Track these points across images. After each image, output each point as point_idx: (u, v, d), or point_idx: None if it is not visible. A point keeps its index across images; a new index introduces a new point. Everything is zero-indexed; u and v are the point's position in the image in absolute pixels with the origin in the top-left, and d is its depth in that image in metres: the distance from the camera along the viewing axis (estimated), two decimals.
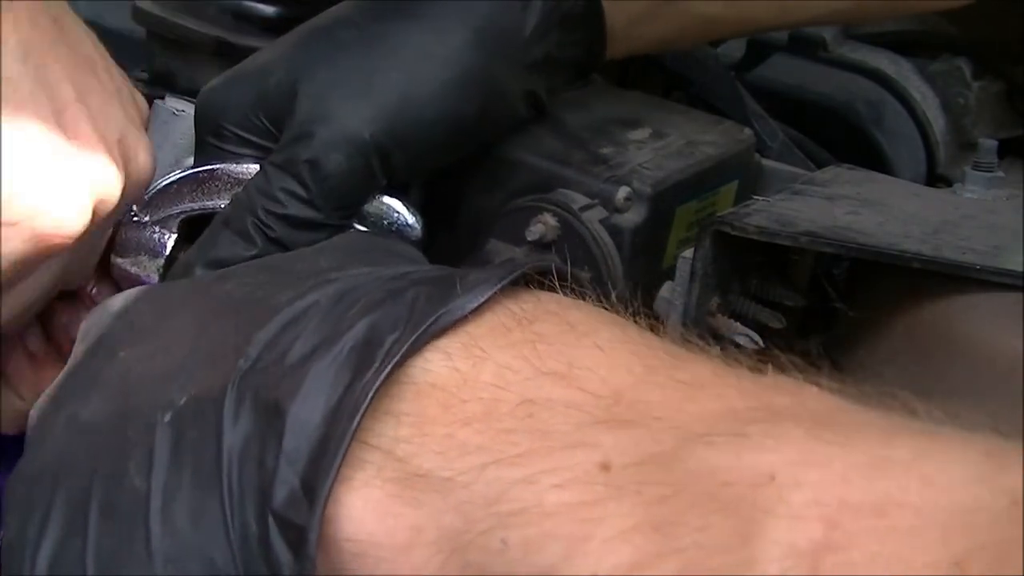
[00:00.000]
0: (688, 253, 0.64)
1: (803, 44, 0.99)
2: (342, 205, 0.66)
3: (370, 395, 0.45)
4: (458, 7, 0.69)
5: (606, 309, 0.51)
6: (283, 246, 0.65)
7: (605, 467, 0.42)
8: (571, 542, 0.41)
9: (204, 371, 0.49)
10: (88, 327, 0.56)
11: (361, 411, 0.45)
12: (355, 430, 0.45)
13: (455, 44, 0.68)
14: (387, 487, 0.45)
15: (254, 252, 0.64)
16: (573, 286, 0.52)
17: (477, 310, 0.48)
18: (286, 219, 0.65)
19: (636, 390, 0.45)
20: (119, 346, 0.52)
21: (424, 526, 0.45)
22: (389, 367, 0.46)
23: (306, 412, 0.46)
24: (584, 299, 0.51)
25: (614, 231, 0.70)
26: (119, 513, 0.48)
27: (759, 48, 1.01)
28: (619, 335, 0.48)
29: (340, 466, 0.45)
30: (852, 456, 0.39)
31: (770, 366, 0.46)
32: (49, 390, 0.54)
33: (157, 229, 0.69)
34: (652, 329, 0.50)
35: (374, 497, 0.45)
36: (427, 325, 0.47)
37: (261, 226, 0.65)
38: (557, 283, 0.51)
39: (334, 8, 0.72)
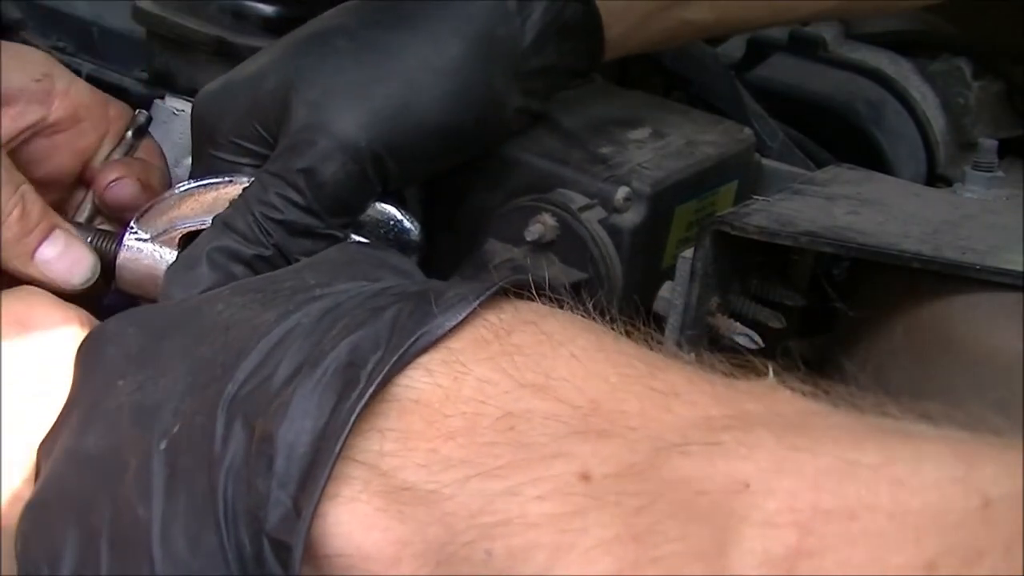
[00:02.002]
0: (688, 253, 0.64)
1: (803, 44, 0.99)
2: (339, 212, 0.66)
3: (354, 416, 0.46)
4: (455, 17, 0.69)
5: (582, 316, 0.51)
6: (281, 252, 0.65)
7: (585, 477, 0.43)
8: (554, 552, 0.42)
9: (195, 396, 0.50)
10: (82, 353, 0.56)
11: (346, 433, 0.46)
12: (341, 450, 0.45)
13: (454, 54, 0.68)
14: (373, 501, 0.46)
15: (255, 252, 0.64)
16: (549, 294, 0.52)
17: (456, 323, 0.49)
18: (283, 225, 0.65)
19: (612, 399, 0.46)
20: (115, 375, 0.53)
21: (410, 539, 0.45)
22: (372, 388, 0.46)
23: (293, 435, 0.46)
24: (561, 307, 0.52)
25: (613, 231, 0.70)
26: (127, 543, 0.48)
27: (759, 48, 1.01)
28: (595, 343, 0.49)
29: (326, 485, 0.45)
30: (823, 461, 0.39)
31: (744, 371, 0.46)
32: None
33: (158, 245, 0.69)
34: (628, 335, 0.50)
35: (360, 511, 0.46)
36: (407, 346, 0.48)
37: (259, 231, 0.65)
38: (534, 291, 0.52)
39: (327, 14, 0.71)
